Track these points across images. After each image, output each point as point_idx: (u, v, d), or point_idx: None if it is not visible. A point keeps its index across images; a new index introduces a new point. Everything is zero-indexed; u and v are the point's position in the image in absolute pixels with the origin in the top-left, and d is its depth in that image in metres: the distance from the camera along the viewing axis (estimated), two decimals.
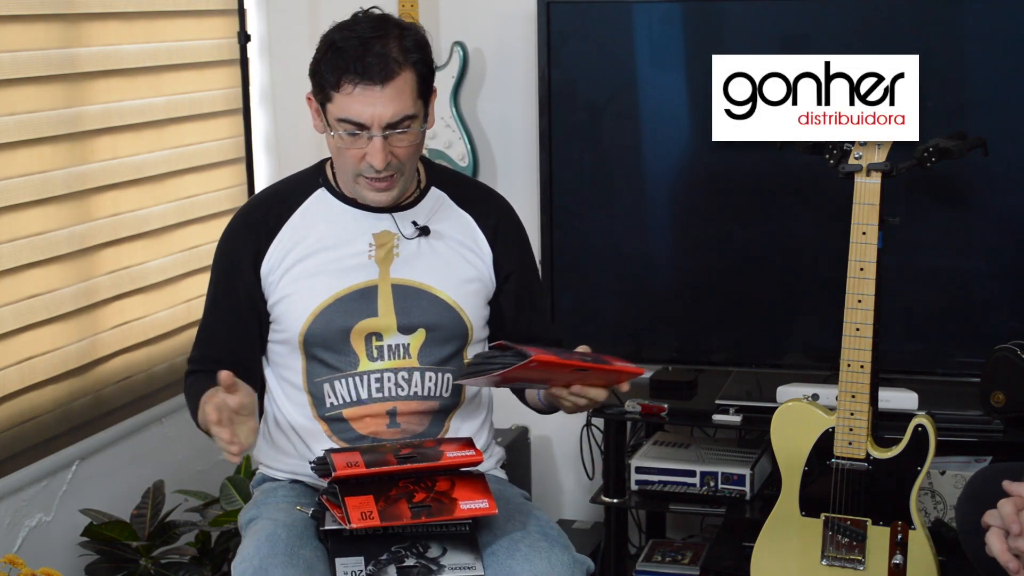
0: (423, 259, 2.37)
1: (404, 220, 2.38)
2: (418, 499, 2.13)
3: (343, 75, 2.21)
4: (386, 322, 2.33)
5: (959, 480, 3.06)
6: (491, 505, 2.16)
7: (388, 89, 2.21)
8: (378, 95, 2.21)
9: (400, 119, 2.23)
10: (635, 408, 3.27)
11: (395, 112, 2.23)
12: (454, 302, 2.36)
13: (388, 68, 2.20)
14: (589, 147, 3.40)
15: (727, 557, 3.31)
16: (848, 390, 2.73)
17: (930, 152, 2.73)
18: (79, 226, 3.09)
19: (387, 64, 2.21)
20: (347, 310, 2.32)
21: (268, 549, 2.15)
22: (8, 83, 2.87)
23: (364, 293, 2.33)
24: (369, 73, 2.20)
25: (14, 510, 2.91)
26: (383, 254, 2.35)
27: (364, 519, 2.08)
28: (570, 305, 3.42)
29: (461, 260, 2.40)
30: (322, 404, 2.34)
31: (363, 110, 2.21)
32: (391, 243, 2.36)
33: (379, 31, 2.23)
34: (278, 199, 2.41)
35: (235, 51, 3.51)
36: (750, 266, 3.30)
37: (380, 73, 2.20)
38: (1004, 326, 3.10)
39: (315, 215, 2.37)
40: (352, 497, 2.10)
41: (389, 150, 2.24)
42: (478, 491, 2.17)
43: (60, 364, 3.04)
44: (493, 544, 2.21)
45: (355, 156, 2.26)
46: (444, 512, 2.13)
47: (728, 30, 3.27)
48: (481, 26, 3.62)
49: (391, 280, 2.35)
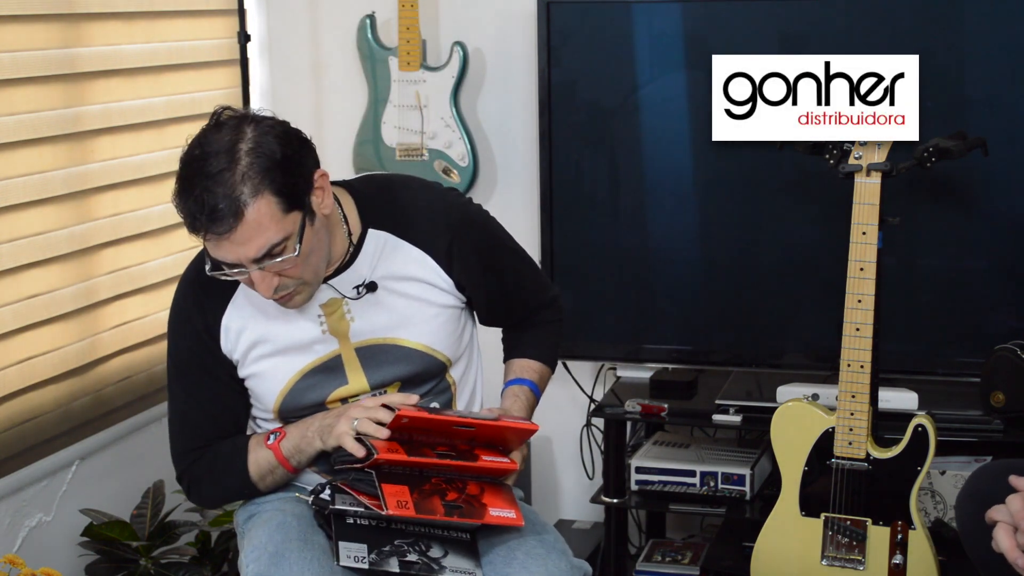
0: (380, 313, 2.26)
1: (344, 284, 2.24)
2: (450, 498, 2.12)
3: (194, 229, 2.07)
4: (358, 386, 2.27)
5: (959, 480, 3.06)
6: (518, 516, 2.16)
7: (240, 231, 2.03)
8: (233, 240, 2.05)
9: (265, 253, 2.06)
10: (635, 408, 3.27)
11: (257, 248, 2.05)
12: (423, 345, 2.28)
13: (235, 211, 2.02)
14: (589, 147, 3.40)
15: (727, 557, 3.30)
16: (848, 390, 2.73)
17: (930, 152, 2.73)
18: (79, 226, 3.09)
19: (234, 207, 2.02)
20: (316, 383, 2.26)
21: (282, 536, 2.15)
22: (8, 83, 2.87)
23: (329, 365, 2.26)
24: (216, 225, 2.03)
25: (14, 510, 2.91)
26: (335, 321, 2.25)
27: (400, 507, 2.06)
28: (570, 305, 3.40)
29: (418, 301, 2.27)
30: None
31: (226, 256, 2.08)
32: (340, 309, 2.26)
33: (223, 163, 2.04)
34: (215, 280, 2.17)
35: (235, 51, 3.51)
36: (750, 266, 3.30)
37: (227, 220, 2.03)
38: (1004, 326, 3.10)
39: (256, 297, 2.20)
40: (389, 485, 2.09)
41: (273, 275, 2.10)
42: (506, 501, 2.17)
43: (60, 364, 3.04)
44: (490, 551, 2.20)
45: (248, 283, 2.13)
46: (475, 515, 2.13)
47: (728, 30, 3.26)
48: (481, 26, 3.62)
49: (353, 345, 2.26)
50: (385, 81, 3.56)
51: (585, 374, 3.60)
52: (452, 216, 2.31)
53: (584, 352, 3.46)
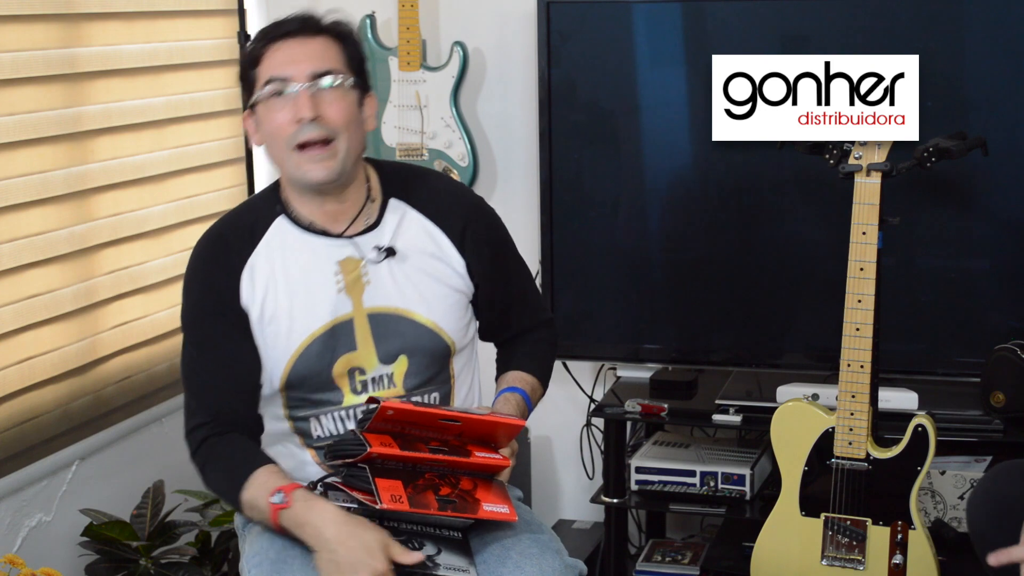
0: (395, 282, 2.28)
1: (367, 245, 2.29)
2: (444, 493, 2.12)
3: (267, 42, 2.22)
4: (366, 354, 2.27)
5: (959, 480, 3.07)
6: (511, 512, 2.15)
7: (310, 44, 2.21)
8: (300, 46, 2.21)
9: (324, 71, 2.20)
10: (635, 408, 3.27)
11: (321, 63, 2.20)
12: (432, 323, 2.29)
13: (309, 25, 2.23)
14: (589, 147, 3.40)
15: (727, 557, 3.30)
16: (848, 390, 2.73)
17: (930, 152, 2.73)
18: (79, 226, 3.09)
19: (308, 23, 2.23)
20: (326, 348, 2.25)
21: (283, 541, 2.15)
22: (8, 83, 2.87)
23: (340, 328, 2.26)
24: (290, 30, 2.22)
25: (14, 510, 2.91)
26: (351, 282, 2.27)
27: (394, 501, 2.06)
28: (570, 305, 3.42)
29: (433, 277, 2.31)
30: (308, 436, 2.29)
31: (285, 61, 2.20)
32: (357, 270, 2.27)
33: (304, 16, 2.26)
34: (238, 231, 2.30)
35: (235, 51, 3.52)
36: (750, 266, 3.30)
37: (300, 29, 2.22)
38: (1004, 326, 3.10)
39: (277, 248, 2.27)
40: (382, 479, 2.08)
41: (318, 106, 2.19)
42: (500, 496, 2.17)
43: (60, 364, 3.04)
44: (484, 551, 2.20)
45: (285, 120, 2.19)
46: (468, 510, 2.13)
47: (728, 30, 3.26)
48: (481, 26, 3.62)
49: (365, 310, 2.27)
50: (385, 81, 3.57)
51: (585, 374, 3.60)
52: (469, 201, 2.40)
53: (584, 352, 3.46)
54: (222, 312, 2.26)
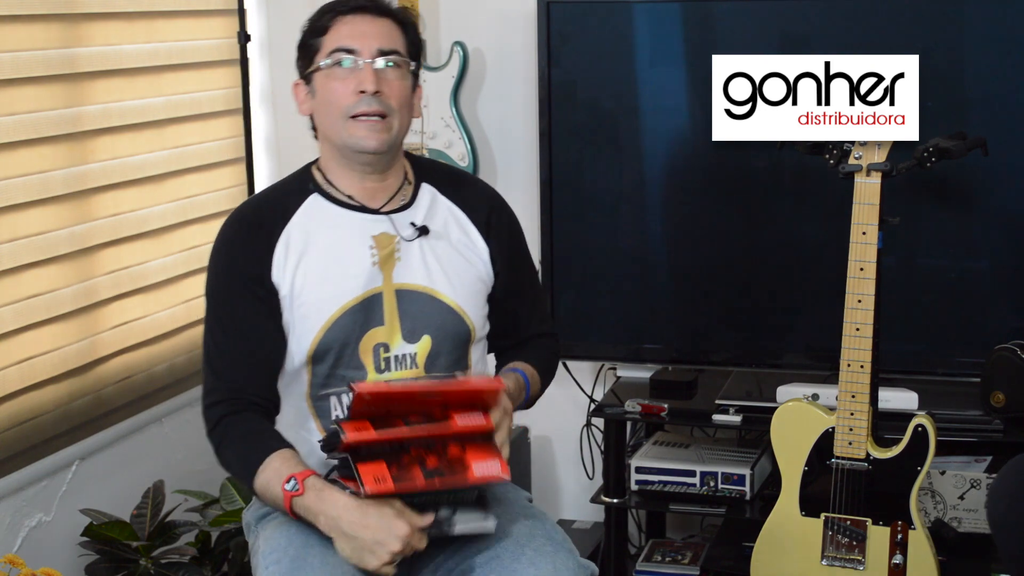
0: (425, 262, 2.34)
1: (402, 222, 2.35)
2: (431, 465, 2.11)
3: (336, 14, 2.30)
4: (391, 330, 2.30)
5: (959, 480, 3.07)
6: (503, 468, 2.13)
7: (380, 21, 2.30)
8: (369, 22, 2.29)
9: (391, 49, 2.29)
10: (635, 408, 3.27)
11: (387, 41, 2.29)
12: (456, 305, 2.34)
13: (378, 6, 2.32)
14: (589, 147, 3.40)
15: (727, 557, 3.30)
16: (848, 390, 2.73)
17: (930, 152, 2.73)
18: (79, 226, 3.09)
19: (378, 2, 2.33)
20: (354, 321, 2.28)
21: (302, 539, 2.15)
22: (8, 83, 2.87)
23: (370, 302, 2.29)
24: (361, 5, 2.30)
25: (14, 510, 2.91)
26: (384, 256, 2.32)
27: (378, 483, 2.05)
28: (570, 305, 3.42)
29: (461, 260, 2.38)
30: (327, 417, 2.30)
31: (354, 34, 2.28)
32: (392, 246, 2.32)
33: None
34: (269, 209, 2.34)
35: (235, 51, 3.51)
36: (750, 266, 3.30)
37: (371, 7, 2.31)
38: (1004, 326, 3.10)
39: (311, 222, 2.32)
40: (364, 464, 2.08)
41: (380, 82, 2.27)
42: (489, 454, 2.14)
43: (60, 364, 3.04)
44: (498, 547, 2.20)
45: (346, 90, 2.27)
46: (457, 477, 2.11)
47: (728, 30, 3.27)
48: (481, 26, 3.62)
49: (394, 286, 2.31)
50: None
51: (585, 374, 3.60)
52: (492, 193, 2.50)
53: (584, 352, 3.46)
54: (249, 290, 2.28)
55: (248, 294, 2.28)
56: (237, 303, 2.29)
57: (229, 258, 2.32)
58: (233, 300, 2.30)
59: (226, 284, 2.31)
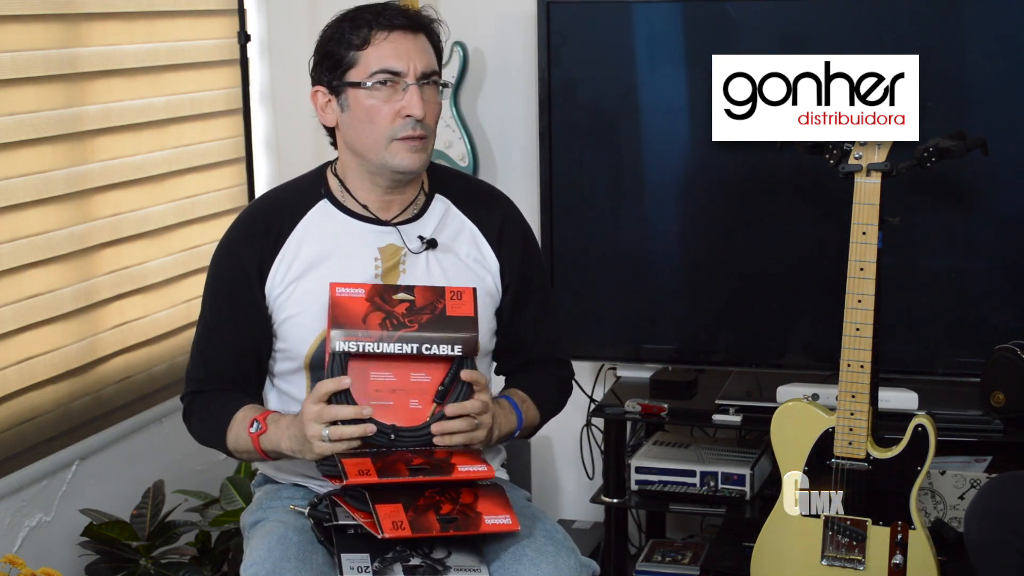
0: (429, 274, 2.31)
1: (410, 234, 2.33)
2: (445, 511, 2.11)
3: (372, 28, 2.23)
4: None
5: (959, 480, 3.07)
6: (514, 522, 2.14)
7: (418, 41, 2.25)
8: (411, 41, 2.24)
9: (432, 71, 2.26)
10: (635, 408, 3.27)
11: (428, 62, 2.25)
12: None
13: (418, 20, 2.26)
14: (589, 147, 3.40)
15: (727, 557, 3.31)
16: (848, 390, 2.73)
17: (930, 152, 2.73)
18: (79, 226, 3.09)
19: (416, 19, 2.26)
20: None
21: (280, 552, 2.15)
22: (8, 83, 2.87)
23: None
24: (401, 22, 2.24)
25: (14, 510, 2.91)
26: (388, 268, 2.30)
27: (396, 529, 2.06)
28: (570, 305, 3.42)
29: (470, 274, 2.35)
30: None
31: (398, 53, 2.23)
32: (397, 258, 2.31)
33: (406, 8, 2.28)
34: (279, 209, 2.34)
35: (235, 51, 3.51)
36: (750, 266, 3.30)
37: (412, 23, 2.25)
38: (1004, 326, 3.10)
39: (318, 230, 2.31)
40: (383, 505, 2.08)
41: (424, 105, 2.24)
42: (500, 506, 2.16)
43: (60, 364, 3.04)
44: (499, 548, 2.20)
45: (389, 113, 2.23)
46: (471, 526, 2.12)
47: (728, 30, 3.27)
48: (481, 26, 3.62)
49: None
50: None
51: (585, 374, 3.60)
52: (506, 203, 2.45)
53: (584, 352, 3.46)
54: (242, 291, 2.30)
55: (239, 296, 2.30)
56: (227, 302, 2.32)
57: (230, 256, 2.33)
58: (223, 298, 2.33)
59: (222, 281, 2.33)
